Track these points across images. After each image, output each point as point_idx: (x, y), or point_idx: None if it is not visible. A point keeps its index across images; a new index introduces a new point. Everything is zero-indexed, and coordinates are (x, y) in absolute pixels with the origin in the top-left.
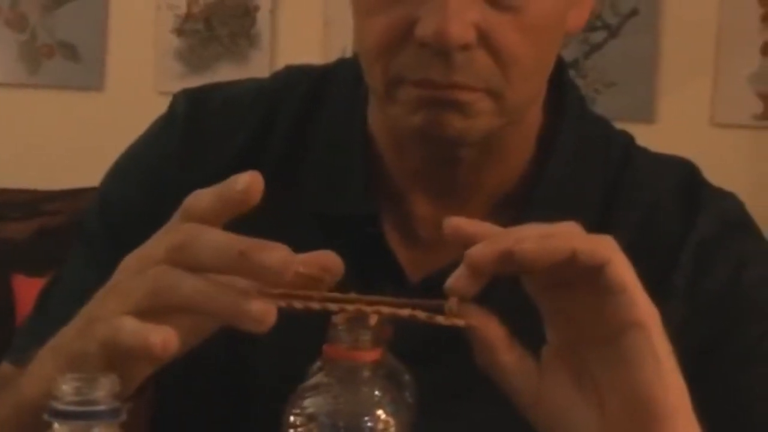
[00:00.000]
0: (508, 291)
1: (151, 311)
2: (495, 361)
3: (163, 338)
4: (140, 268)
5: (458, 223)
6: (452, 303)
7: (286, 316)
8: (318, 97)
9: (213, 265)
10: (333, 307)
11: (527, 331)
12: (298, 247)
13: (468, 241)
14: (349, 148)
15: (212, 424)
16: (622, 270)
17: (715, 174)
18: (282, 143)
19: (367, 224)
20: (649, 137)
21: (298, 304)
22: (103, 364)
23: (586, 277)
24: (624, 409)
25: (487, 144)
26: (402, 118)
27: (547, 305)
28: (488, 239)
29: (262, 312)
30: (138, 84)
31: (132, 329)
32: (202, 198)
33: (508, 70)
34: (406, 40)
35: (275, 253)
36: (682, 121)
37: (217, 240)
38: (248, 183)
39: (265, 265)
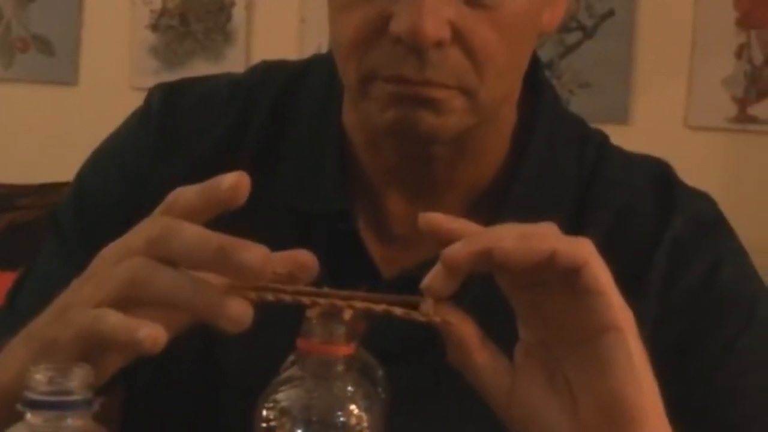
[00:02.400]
0: (482, 289)
1: (126, 302)
2: (468, 359)
3: (154, 334)
4: (118, 259)
5: (434, 218)
6: (428, 305)
7: (259, 311)
8: (293, 93)
9: (190, 259)
10: (305, 300)
11: (501, 329)
12: (273, 242)
13: (444, 238)
14: (323, 145)
15: (184, 418)
16: (599, 273)
17: (689, 176)
18: (257, 138)
19: (341, 220)
20: (623, 139)
21: (270, 297)
22: (76, 353)
23: (562, 278)
24: (597, 411)
25: (460, 142)
26: (374, 114)
27: (522, 304)
28: (466, 238)
29: (240, 312)
30: (112, 79)
31: (117, 322)
32: (185, 194)
33: (481, 68)
34: (380, 36)
35: (254, 252)
36: (656, 123)
37: (196, 235)
38: (234, 182)
39: (243, 264)
